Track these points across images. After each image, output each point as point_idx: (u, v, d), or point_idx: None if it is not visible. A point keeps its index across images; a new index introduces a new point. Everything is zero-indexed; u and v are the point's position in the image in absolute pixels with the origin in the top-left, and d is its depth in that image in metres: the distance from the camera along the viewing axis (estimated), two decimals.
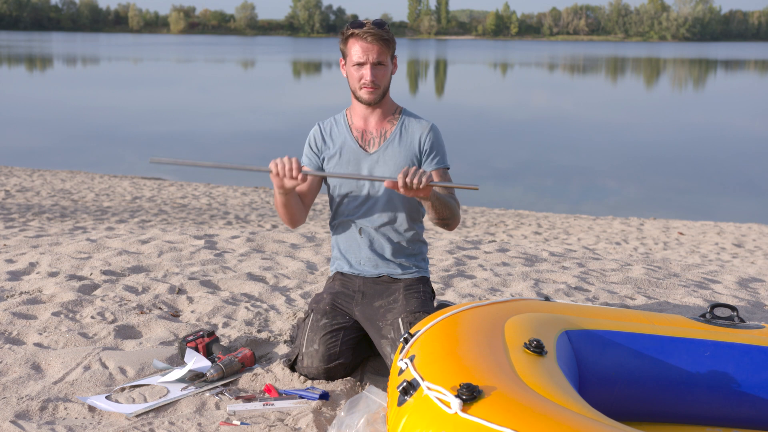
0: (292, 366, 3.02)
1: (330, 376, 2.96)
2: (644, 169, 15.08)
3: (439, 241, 5.80)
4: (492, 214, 10.11)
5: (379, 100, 3.03)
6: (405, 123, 3.10)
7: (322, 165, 3.14)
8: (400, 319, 2.95)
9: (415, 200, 3.09)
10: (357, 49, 2.95)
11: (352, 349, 3.01)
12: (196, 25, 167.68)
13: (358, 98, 3.05)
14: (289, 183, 2.84)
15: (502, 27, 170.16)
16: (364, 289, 3.13)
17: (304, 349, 2.98)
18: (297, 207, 3.05)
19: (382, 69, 2.98)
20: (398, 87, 32.65)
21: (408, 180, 2.67)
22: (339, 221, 3.18)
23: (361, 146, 3.09)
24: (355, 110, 3.12)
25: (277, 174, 2.83)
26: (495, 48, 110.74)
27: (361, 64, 2.96)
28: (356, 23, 2.97)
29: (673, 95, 35.31)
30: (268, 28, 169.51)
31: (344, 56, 3.03)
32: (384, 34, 2.94)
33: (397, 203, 3.09)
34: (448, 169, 3.11)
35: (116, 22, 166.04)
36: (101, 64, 52.89)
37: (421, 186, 2.67)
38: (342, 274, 3.22)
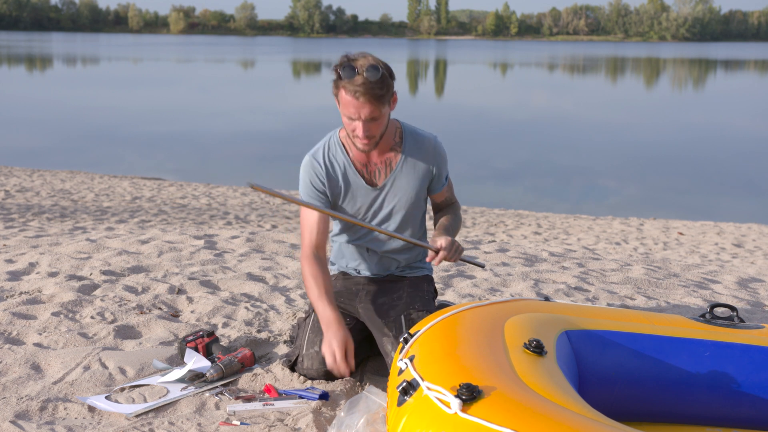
0: (292, 366, 3.02)
1: (330, 377, 2.95)
2: (644, 169, 15.08)
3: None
4: (492, 214, 10.11)
5: (375, 147, 2.85)
6: (408, 149, 2.94)
7: (332, 201, 2.97)
8: (402, 317, 2.95)
9: (422, 221, 3.09)
10: (347, 103, 2.71)
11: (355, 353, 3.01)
12: (195, 25, 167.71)
13: (353, 143, 2.86)
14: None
15: (501, 27, 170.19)
16: (369, 287, 3.12)
17: (304, 351, 2.97)
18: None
19: (376, 122, 2.75)
20: (399, 87, 32.53)
21: (448, 258, 2.78)
22: (347, 240, 3.11)
23: (366, 181, 2.93)
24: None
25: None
26: (495, 48, 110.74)
27: (352, 119, 2.75)
28: (347, 69, 2.67)
29: (673, 95, 35.32)
30: (268, 29, 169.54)
31: (336, 99, 2.77)
32: (377, 90, 2.67)
33: (407, 229, 3.04)
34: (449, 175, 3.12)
35: (116, 23, 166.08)
36: (101, 64, 52.89)
37: (456, 259, 2.81)
38: (345, 273, 3.21)
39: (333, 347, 2.73)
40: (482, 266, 3.10)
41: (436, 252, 2.80)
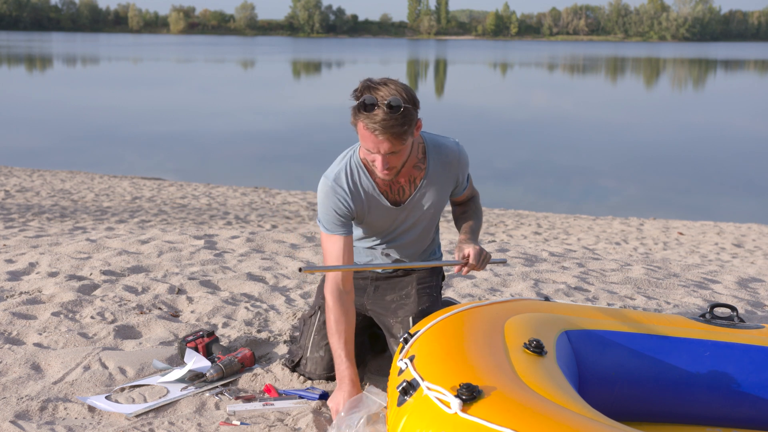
0: (293, 367, 3.01)
1: (332, 379, 2.96)
2: (644, 169, 15.08)
3: (441, 241, 5.79)
4: (492, 214, 10.11)
5: (397, 174, 2.73)
6: (432, 165, 2.81)
7: (356, 218, 2.86)
8: (411, 319, 2.91)
9: (438, 222, 3.01)
10: (366, 137, 2.55)
11: (356, 352, 3.00)
12: (195, 25, 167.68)
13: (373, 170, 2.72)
14: None
15: (501, 27, 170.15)
16: (376, 282, 3.04)
17: (308, 354, 2.95)
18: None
19: (397, 155, 2.60)
20: None
21: (477, 269, 2.73)
22: (365, 246, 3.00)
23: (391, 201, 2.82)
24: None
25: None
26: (495, 48, 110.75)
27: (371, 152, 2.59)
28: (367, 101, 2.49)
29: (672, 95, 35.32)
30: (268, 29, 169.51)
31: (353, 126, 2.60)
32: (397, 128, 2.49)
33: (428, 234, 2.98)
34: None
35: (116, 23, 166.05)
36: (101, 64, 52.88)
37: (483, 267, 2.75)
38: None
39: (339, 405, 2.63)
40: (504, 261, 3.06)
41: (464, 263, 2.72)
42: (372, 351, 3.16)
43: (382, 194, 2.80)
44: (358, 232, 2.95)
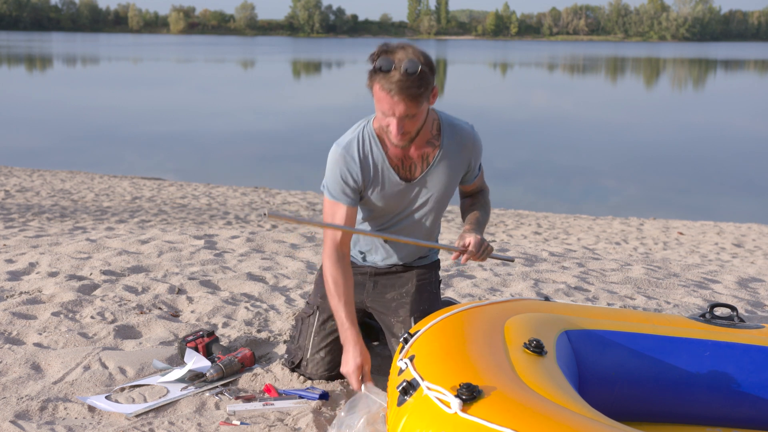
0: (293, 368, 3.00)
1: (332, 378, 2.96)
2: (644, 169, 15.08)
3: (440, 242, 5.79)
4: (492, 214, 10.09)
5: (411, 142, 2.70)
6: (446, 143, 2.78)
7: (362, 191, 2.80)
8: (412, 319, 2.89)
9: (445, 206, 2.94)
10: (382, 99, 2.53)
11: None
12: (195, 25, 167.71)
13: (387, 137, 2.69)
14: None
15: (501, 27, 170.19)
16: (375, 277, 2.98)
17: (309, 355, 2.94)
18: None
19: (411, 120, 2.58)
20: None
21: (476, 258, 2.70)
22: (368, 230, 2.93)
23: (401, 176, 2.78)
24: None
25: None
26: (495, 48, 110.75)
27: (386, 115, 2.57)
28: (384, 62, 2.48)
29: (672, 95, 35.33)
30: (268, 29, 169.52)
31: (369, 88, 2.59)
32: (413, 89, 2.48)
33: (432, 225, 2.92)
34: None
35: (116, 23, 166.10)
36: (101, 64, 52.89)
37: (484, 258, 2.73)
38: (350, 261, 3.00)
39: (350, 371, 2.65)
40: (512, 260, 3.04)
41: (463, 251, 2.70)
42: (371, 350, 3.15)
43: (393, 169, 2.75)
44: (361, 213, 2.90)
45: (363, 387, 2.61)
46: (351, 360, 2.66)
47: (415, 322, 2.84)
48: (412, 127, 2.60)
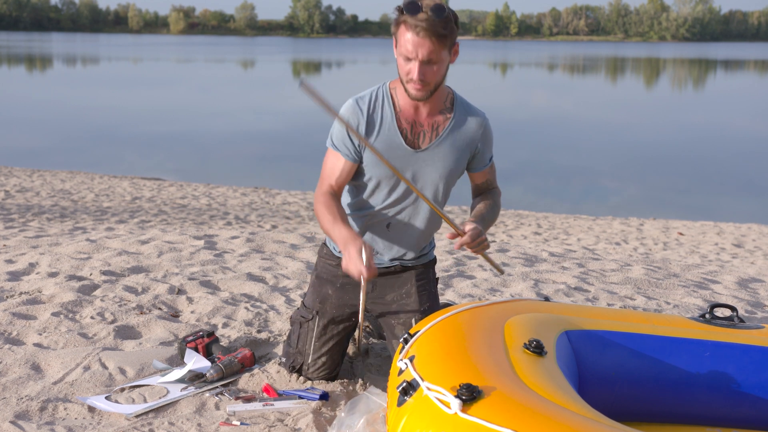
0: (294, 370, 2.99)
1: (331, 379, 2.96)
2: (644, 170, 15.09)
3: (438, 241, 5.80)
4: None
5: (429, 97, 2.66)
6: (458, 118, 2.77)
7: (361, 152, 2.76)
8: (413, 320, 2.87)
9: (451, 188, 2.87)
10: (406, 41, 2.53)
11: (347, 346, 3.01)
12: (195, 25, 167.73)
13: (406, 91, 2.66)
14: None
15: (501, 27, 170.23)
16: (375, 279, 2.87)
17: (310, 360, 2.93)
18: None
19: (433, 67, 2.57)
20: None
21: (469, 246, 2.62)
22: (364, 213, 2.85)
23: (408, 143, 2.73)
24: (403, 93, 2.72)
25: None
26: (495, 48, 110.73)
27: (409, 59, 2.57)
28: (411, 4, 2.51)
29: (672, 95, 35.33)
30: (268, 29, 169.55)
31: (395, 39, 2.61)
32: (441, 28, 2.49)
33: (441, 195, 2.83)
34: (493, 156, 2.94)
35: (116, 23, 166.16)
36: (101, 64, 52.89)
37: (477, 252, 2.67)
38: None
39: (356, 262, 2.51)
40: (501, 272, 2.96)
41: (461, 235, 2.62)
42: (372, 348, 3.16)
43: (400, 131, 2.72)
44: (363, 184, 2.82)
45: (363, 389, 2.60)
46: (355, 252, 2.53)
47: (416, 323, 2.84)
48: (433, 77, 2.59)
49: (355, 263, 2.52)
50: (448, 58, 2.60)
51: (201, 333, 3.18)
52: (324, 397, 2.80)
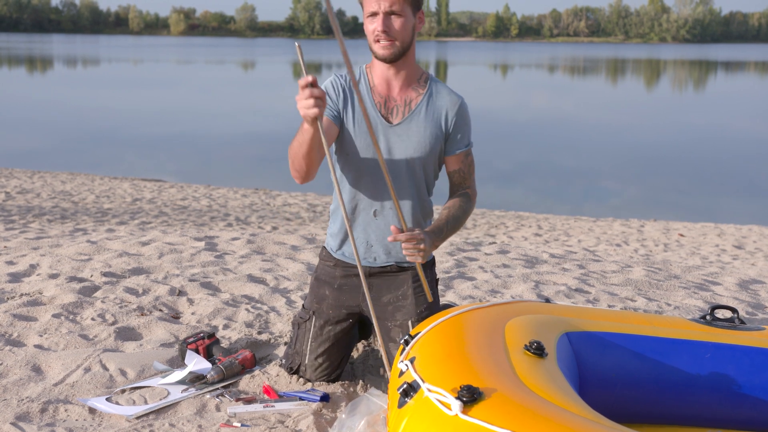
0: (292, 371, 3.00)
1: (331, 381, 2.96)
2: (645, 171, 15.09)
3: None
4: (492, 216, 10.11)
5: (398, 56, 2.70)
6: (433, 93, 2.81)
7: (340, 122, 2.77)
8: (409, 322, 2.86)
9: (432, 174, 2.87)
10: None
11: (350, 348, 3.01)
12: (196, 26, 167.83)
13: (374, 54, 2.72)
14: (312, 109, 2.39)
15: (502, 29, 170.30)
16: (370, 279, 2.89)
17: (307, 360, 2.94)
18: (318, 152, 2.61)
19: (398, 20, 2.64)
20: None
21: (405, 246, 2.57)
22: (349, 199, 2.85)
23: (383, 115, 2.77)
24: (376, 70, 2.79)
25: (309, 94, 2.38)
26: (495, 49, 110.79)
27: (374, 14, 2.65)
28: None
29: (673, 97, 35.34)
30: (269, 30, 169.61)
31: (362, 7, 2.70)
32: None
33: (419, 177, 2.83)
34: (471, 146, 2.89)
35: (116, 24, 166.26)
36: (102, 65, 52.93)
37: (411, 256, 2.59)
38: (344, 264, 2.93)
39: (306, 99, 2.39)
40: (430, 299, 2.85)
41: (402, 231, 2.58)
42: (362, 339, 3.18)
43: (375, 105, 2.77)
44: (339, 157, 2.83)
45: (364, 391, 2.60)
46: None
47: (413, 326, 2.83)
48: (398, 31, 2.65)
49: (308, 104, 2.39)
50: (412, 18, 2.68)
51: (202, 334, 3.18)
52: (324, 398, 2.80)
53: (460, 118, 2.83)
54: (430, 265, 2.98)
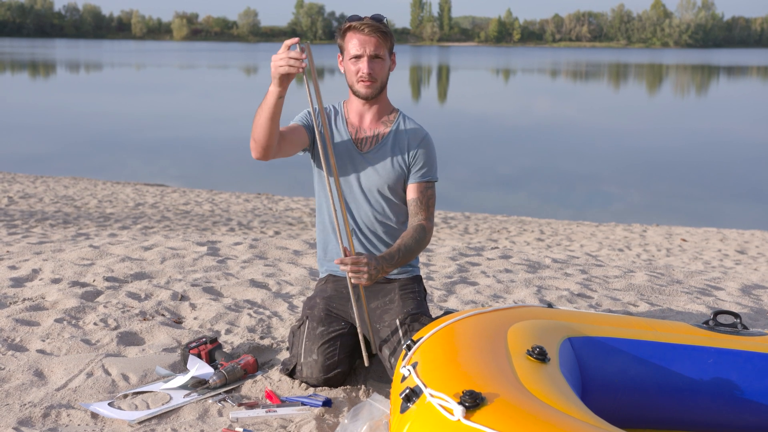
0: (290, 374, 3.01)
1: (329, 384, 2.95)
2: (647, 176, 15.08)
3: (441, 248, 5.80)
4: (495, 221, 10.10)
5: (377, 94, 3.00)
6: (399, 127, 3.06)
7: (314, 137, 3.03)
8: (397, 321, 2.96)
9: (402, 201, 3.08)
10: (354, 42, 2.91)
11: (349, 356, 3.01)
12: (198, 31, 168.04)
13: (355, 93, 3.01)
14: (289, 66, 2.65)
15: (504, 33, 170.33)
16: (359, 290, 3.00)
17: (302, 360, 2.96)
18: (276, 124, 2.81)
19: (379, 62, 2.94)
20: (401, 93, 32.66)
21: (351, 269, 2.72)
22: (327, 214, 3.11)
23: (354, 143, 3.05)
24: (352, 105, 3.08)
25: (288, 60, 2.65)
26: (497, 54, 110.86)
27: (358, 57, 2.92)
28: (354, 17, 2.94)
29: (675, 102, 35.32)
30: (271, 35, 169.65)
31: (342, 51, 2.99)
32: (382, 27, 2.91)
33: (390, 201, 3.05)
34: (435, 182, 3.07)
35: (119, 29, 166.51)
36: (104, 70, 53.02)
37: (355, 279, 2.75)
38: (334, 276, 3.18)
39: (280, 58, 2.66)
40: (371, 356, 2.99)
41: (349, 253, 2.79)
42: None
43: (349, 133, 3.06)
44: (316, 178, 3.14)
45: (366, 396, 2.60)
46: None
47: (401, 325, 2.93)
48: (380, 72, 2.95)
49: (283, 63, 2.66)
50: (389, 60, 2.98)
51: (204, 339, 3.18)
52: (327, 403, 2.80)
53: (423, 150, 3.05)
54: (417, 280, 3.18)
